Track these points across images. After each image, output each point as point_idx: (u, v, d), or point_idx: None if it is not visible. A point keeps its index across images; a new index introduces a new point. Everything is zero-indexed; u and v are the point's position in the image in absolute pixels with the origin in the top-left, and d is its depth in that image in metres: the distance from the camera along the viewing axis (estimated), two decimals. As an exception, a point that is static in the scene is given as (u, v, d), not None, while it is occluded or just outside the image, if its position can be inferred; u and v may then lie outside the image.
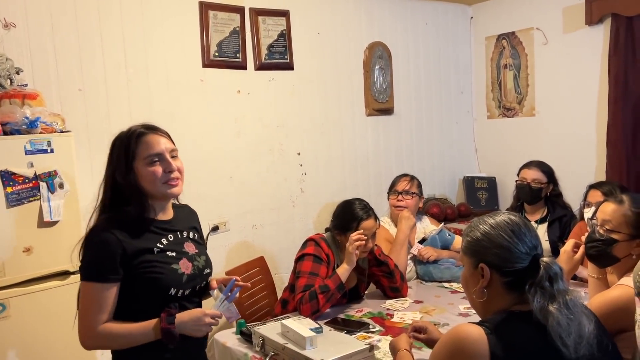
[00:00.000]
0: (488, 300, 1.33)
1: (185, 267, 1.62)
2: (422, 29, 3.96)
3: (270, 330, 1.96)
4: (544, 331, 1.22)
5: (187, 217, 1.76)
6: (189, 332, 1.53)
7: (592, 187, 2.68)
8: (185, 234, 1.70)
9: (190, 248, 1.68)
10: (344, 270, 2.28)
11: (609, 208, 1.78)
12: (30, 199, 2.16)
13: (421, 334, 1.78)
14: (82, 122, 2.60)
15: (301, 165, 3.38)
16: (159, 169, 1.57)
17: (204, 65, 2.97)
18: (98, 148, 2.63)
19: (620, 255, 1.73)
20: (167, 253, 1.60)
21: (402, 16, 3.82)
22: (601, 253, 1.77)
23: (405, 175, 3.11)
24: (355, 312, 2.33)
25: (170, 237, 1.63)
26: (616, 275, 1.80)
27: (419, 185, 3.07)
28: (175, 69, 2.89)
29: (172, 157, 1.61)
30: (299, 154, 3.36)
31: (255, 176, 3.22)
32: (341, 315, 2.27)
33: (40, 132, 2.20)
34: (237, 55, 3.08)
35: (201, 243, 1.77)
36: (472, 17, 4.24)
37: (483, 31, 4.18)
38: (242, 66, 3.10)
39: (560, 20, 3.68)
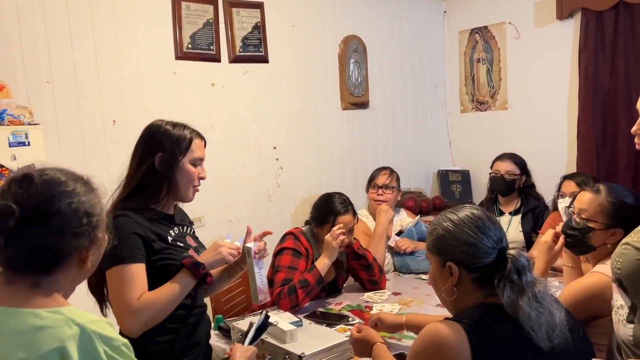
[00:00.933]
0: (458, 297, 1.32)
1: (194, 256, 1.66)
2: (397, 22, 3.96)
3: (249, 324, 1.93)
4: (518, 323, 1.23)
5: (181, 215, 1.81)
6: (210, 259, 1.62)
7: (566, 177, 2.73)
8: (185, 228, 1.75)
9: (191, 242, 1.73)
10: (323, 264, 2.27)
11: (585, 197, 1.80)
12: None
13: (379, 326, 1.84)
14: (51, 115, 2.52)
15: (277, 159, 3.35)
16: (196, 172, 1.69)
17: (177, 58, 2.91)
18: (68, 141, 2.57)
19: (596, 244, 1.76)
20: (178, 243, 1.66)
21: (376, 10, 3.82)
22: (578, 242, 1.79)
23: (384, 168, 3.11)
24: (334, 305, 2.33)
25: (176, 230, 1.68)
26: (591, 264, 1.83)
27: (398, 179, 3.08)
28: (147, 62, 2.82)
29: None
30: (275, 148, 3.33)
31: (231, 171, 3.17)
32: (320, 309, 2.26)
33: (7, 125, 2.12)
34: (211, 47, 3.02)
35: (196, 235, 1.82)
36: (445, 12, 4.26)
37: (456, 25, 4.21)
38: (216, 59, 3.05)
39: (531, 15, 3.73)
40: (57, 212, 0.99)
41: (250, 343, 1.55)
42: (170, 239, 1.64)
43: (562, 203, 2.51)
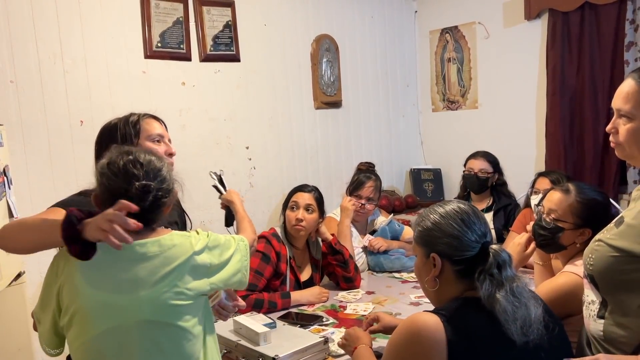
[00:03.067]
0: (440, 288, 1.35)
1: None
2: (369, 22, 3.97)
3: (222, 327, 1.90)
4: (494, 316, 1.25)
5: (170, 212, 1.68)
6: (90, 231, 1.22)
7: (540, 174, 2.77)
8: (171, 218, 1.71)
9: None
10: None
11: (555, 197, 1.82)
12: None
13: (375, 325, 1.79)
14: (14, 116, 2.45)
15: (250, 159, 3.33)
16: (160, 148, 1.67)
17: (146, 56, 2.86)
18: (33, 142, 2.50)
19: (566, 243, 1.79)
20: None
21: (348, 9, 3.82)
22: (548, 241, 1.81)
23: (370, 177, 2.97)
24: (307, 305, 2.32)
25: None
26: (561, 262, 1.86)
27: (380, 186, 3.04)
28: (115, 60, 2.76)
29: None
30: (247, 147, 3.31)
31: (203, 171, 3.12)
32: (294, 310, 2.25)
33: (-32, 126, 2.05)
34: (181, 46, 2.98)
35: (184, 227, 1.79)
36: (416, 11, 4.29)
37: (427, 25, 4.25)
38: (187, 57, 3.01)
39: (500, 15, 3.78)
40: (163, 180, 1.36)
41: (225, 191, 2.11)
42: None
43: (535, 200, 2.56)
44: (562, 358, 1.33)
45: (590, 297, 1.41)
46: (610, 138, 1.38)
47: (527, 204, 2.77)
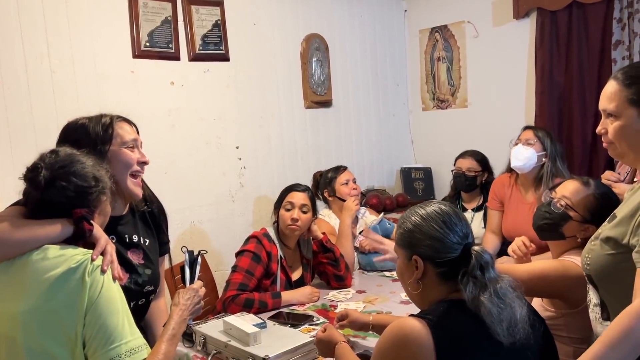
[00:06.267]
0: (424, 291, 1.33)
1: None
2: (358, 21, 3.97)
3: (211, 328, 1.90)
4: (479, 318, 1.25)
5: (144, 223, 1.61)
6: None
7: (526, 128, 2.82)
8: (135, 238, 1.55)
9: (135, 257, 1.53)
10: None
11: (572, 186, 1.76)
12: None
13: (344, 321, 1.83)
14: (1, 116, 2.42)
15: (240, 159, 3.31)
16: (133, 156, 1.52)
17: (135, 56, 2.84)
18: (20, 143, 2.47)
19: (568, 234, 1.72)
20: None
21: (338, 8, 3.82)
22: (550, 226, 1.75)
23: (342, 167, 3.10)
24: (298, 305, 2.31)
25: (112, 238, 1.47)
26: (553, 255, 1.82)
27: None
28: (103, 60, 2.74)
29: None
30: (237, 147, 3.29)
31: (192, 171, 3.12)
32: (285, 309, 2.24)
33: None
34: (170, 45, 2.96)
35: (153, 254, 1.61)
36: (406, 10, 4.30)
37: (417, 24, 4.25)
38: (176, 57, 2.99)
39: (489, 14, 3.80)
40: (74, 172, 1.31)
41: (191, 282, 1.57)
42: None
43: (514, 149, 2.70)
44: (548, 356, 1.34)
45: (593, 300, 1.41)
46: (603, 138, 1.41)
47: (509, 169, 2.81)
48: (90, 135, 1.49)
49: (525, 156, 2.66)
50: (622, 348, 1.18)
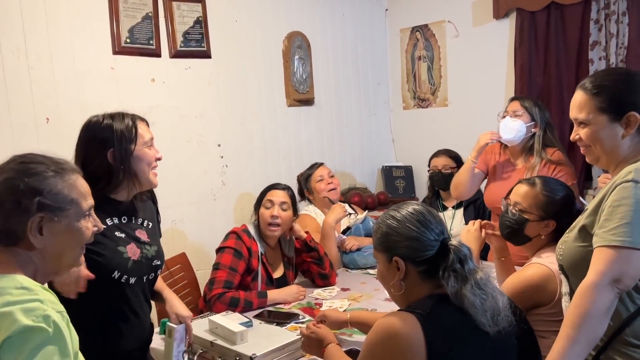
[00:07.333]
0: (407, 291, 1.35)
1: (132, 252, 1.58)
2: (340, 19, 3.97)
3: (197, 327, 1.88)
4: (464, 310, 1.27)
5: (145, 208, 1.74)
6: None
7: (513, 99, 2.84)
8: (140, 220, 1.67)
9: (142, 235, 1.64)
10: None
11: (521, 190, 1.89)
12: None
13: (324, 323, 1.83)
14: (-24, 113, 2.36)
15: (222, 157, 3.29)
16: (152, 154, 1.67)
17: (115, 52, 2.79)
18: (-3, 141, 2.42)
19: (531, 234, 1.85)
20: (116, 233, 1.57)
21: (320, 6, 3.81)
22: (515, 232, 1.87)
23: (318, 164, 3.12)
24: (283, 304, 2.30)
25: (124, 219, 1.61)
26: (528, 255, 1.91)
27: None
28: (82, 56, 2.69)
29: None
30: (219, 145, 3.27)
31: (173, 169, 3.08)
32: (270, 308, 2.23)
33: None
34: (151, 42, 2.92)
35: (156, 234, 1.74)
36: (387, 10, 4.32)
37: (397, 23, 4.27)
38: (156, 54, 2.95)
39: (469, 14, 3.84)
40: (31, 174, 1.13)
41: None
42: (105, 226, 1.51)
43: (502, 123, 2.69)
44: (531, 341, 1.38)
45: (564, 289, 1.46)
46: (579, 144, 1.49)
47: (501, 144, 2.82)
48: (117, 135, 1.60)
49: (513, 128, 2.63)
50: (583, 325, 1.27)
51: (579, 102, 1.46)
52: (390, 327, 1.24)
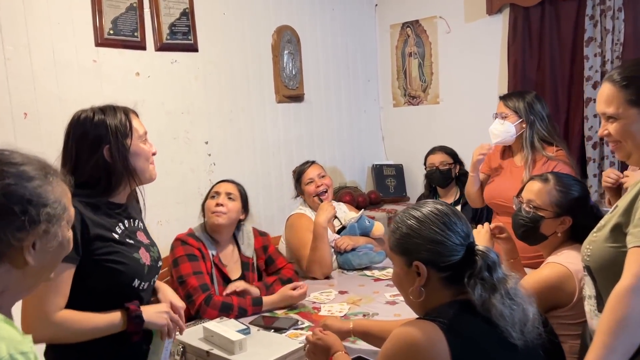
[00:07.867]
0: (426, 297, 1.24)
1: (145, 257, 1.52)
2: (330, 14, 3.87)
3: (190, 335, 1.76)
4: (490, 319, 1.18)
5: (135, 207, 1.64)
6: (151, 319, 1.47)
7: (502, 97, 2.76)
8: (136, 222, 1.59)
9: (142, 237, 1.57)
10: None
11: (534, 187, 1.83)
12: None
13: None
14: (-52, 107, 2.20)
15: (209, 154, 3.16)
16: (148, 149, 1.58)
17: (97, 44, 2.65)
18: (-30, 137, 2.26)
19: (547, 232, 1.79)
20: (127, 240, 1.49)
21: (309, 0, 3.71)
22: (530, 230, 1.80)
23: (310, 162, 2.94)
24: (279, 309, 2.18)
25: (126, 224, 1.53)
26: (544, 254, 1.84)
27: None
28: (62, 48, 2.54)
29: None
30: (206, 142, 3.14)
31: (159, 167, 2.84)
32: (266, 313, 2.11)
33: None
34: (135, 34, 2.78)
35: (149, 233, 1.67)
36: (376, 5, 4.23)
37: (388, 19, 4.19)
38: (141, 46, 2.81)
39: (462, 10, 3.77)
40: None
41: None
42: (118, 235, 1.47)
43: (494, 125, 2.61)
44: (556, 352, 1.30)
45: (589, 292, 1.38)
46: (608, 140, 1.40)
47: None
48: (111, 131, 1.49)
49: (501, 130, 2.57)
50: (620, 331, 1.18)
51: (606, 96, 1.36)
52: (410, 338, 1.14)
